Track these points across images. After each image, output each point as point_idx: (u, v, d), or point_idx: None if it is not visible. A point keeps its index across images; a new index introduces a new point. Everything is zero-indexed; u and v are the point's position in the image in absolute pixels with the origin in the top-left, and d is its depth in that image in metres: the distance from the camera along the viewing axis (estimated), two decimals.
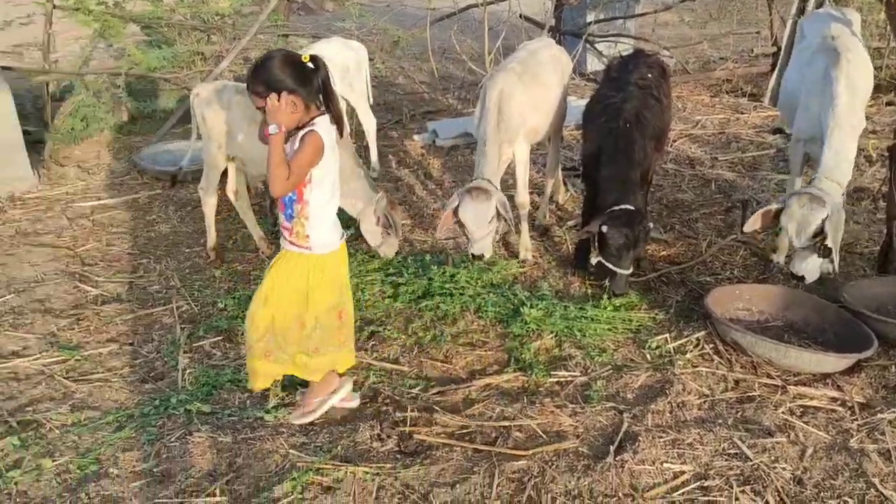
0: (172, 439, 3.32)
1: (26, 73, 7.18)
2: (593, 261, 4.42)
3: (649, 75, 4.86)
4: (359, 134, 6.38)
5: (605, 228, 4.26)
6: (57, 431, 3.38)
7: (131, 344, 4.05)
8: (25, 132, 5.92)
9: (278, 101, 2.90)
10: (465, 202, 4.37)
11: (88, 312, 4.31)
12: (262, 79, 2.91)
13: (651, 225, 4.37)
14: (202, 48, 8.21)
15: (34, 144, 6.26)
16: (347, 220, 5.15)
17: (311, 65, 2.96)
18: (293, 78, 2.92)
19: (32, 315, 4.26)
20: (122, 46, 7.73)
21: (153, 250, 5.08)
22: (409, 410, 3.50)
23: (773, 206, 4.08)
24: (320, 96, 3.02)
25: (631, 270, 4.35)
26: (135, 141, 6.87)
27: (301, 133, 2.99)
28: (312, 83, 2.96)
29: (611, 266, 4.29)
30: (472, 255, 4.47)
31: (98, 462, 3.18)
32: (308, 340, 3.26)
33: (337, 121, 3.11)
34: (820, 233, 3.89)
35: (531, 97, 4.74)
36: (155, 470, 3.16)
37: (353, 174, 4.79)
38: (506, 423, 3.40)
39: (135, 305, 4.40)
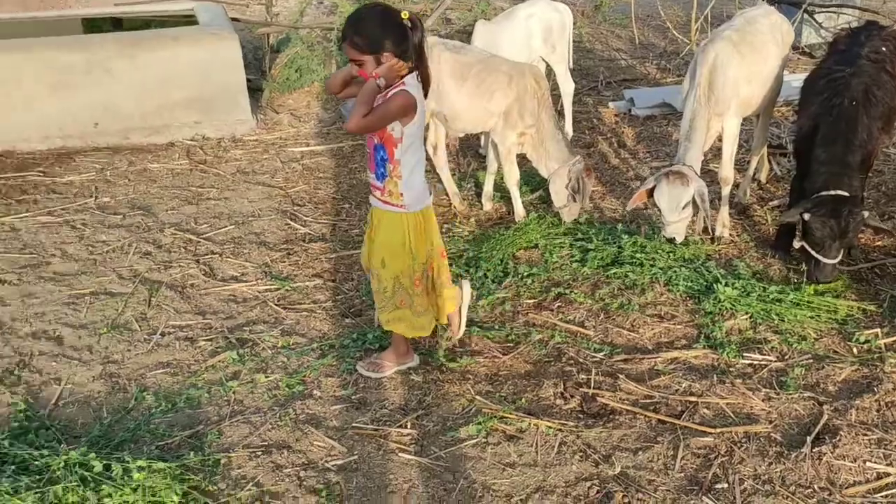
0: None
1: (250, 26, 7.78)
2: (796, 245, 4.17)
3: (883, 48, 4.46)
4: (554, 98, 6.34)
5: (807, 217, 4.00)
6: (269, 351, 3.72)
7: (334, 280, 4.34)
8: (246, 80, 6.43)
9: (380, 62, 2.95)
10: (662, 186, 4.27)
11: (297, 248, 4.66)
12: (364, 32, 2.94)
13: (866, 213, 4.03)
14: (407, 7, 8.48)
15: (253, 92, 6.78)
16: (538, 182, 5.22)
17: (408, 23, 2.98)
18: (393, 36, 2.95)
19: (250, 246, 4.68)
20: (334, 2, 8.15)
21: (354, 196, 5.38)
22: (592, 374, 3.52)
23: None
24: (413, 55, 3.03)
25: (838, 259, 4.05)
26: None
27: (391, 91, 3.02)
28: (409, 41, 2.99)
29: (814, 254, 4.03)
30: (665, 237, 4.40)
31: (304, 383, 3.48)
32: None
33: (424, 81, 3.12)
34: None
35: (747, 67, 4.50)
36: (353, 397, 3.41)
37: (551, 135, 4.81)
38: (692, 399, 3.34)
39: (337, 245, 4.71)
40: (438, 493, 2.89)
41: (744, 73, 4.47)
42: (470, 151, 5.94)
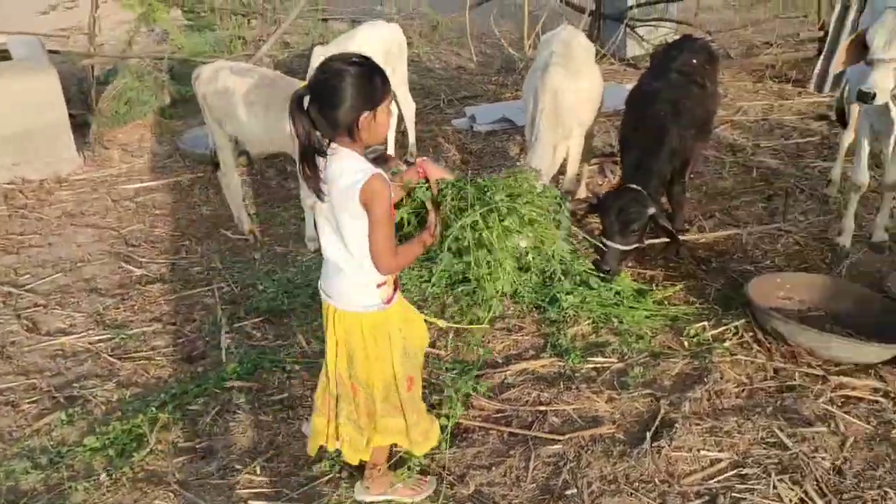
0: (214, 417, 3.39)
1: (72, 57, 7.33)
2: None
3: (693, 61, 4.79)
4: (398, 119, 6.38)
5: (594, 201, 4.40)
6: (103, 407, 3.47)
7: (174, 324, 4.13)
8: (71, 115, 6.05)
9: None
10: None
11: (133, 292, 4.41)
12: None
13: (653, 210, 4.25)
14: (243, 32, 8.30)
15: (79, 127, 6.39)
16: None
17: None
18: None
19: (79, 294, 4.38)
20: (166, 31, 7.84)
21: (195, 232, 5.16)
22: (444, 394, 3.53)
23: (860, 31, 3.96)
24: None
25: (623, 248, 4.23)
26: (177, 124, 6.97)
27: None
28: None
29: (604, 239, 4.24)
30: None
31: (142, 438, 3.27)
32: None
33: None
34: None
35: (579, 90, 4.70)
36: (198, 447, 3.24)
37: None
38: (542, 408, 3.41)
39: (177, 286, 4.49)
40: None
41: (578, 95, 4.67)
42: None
